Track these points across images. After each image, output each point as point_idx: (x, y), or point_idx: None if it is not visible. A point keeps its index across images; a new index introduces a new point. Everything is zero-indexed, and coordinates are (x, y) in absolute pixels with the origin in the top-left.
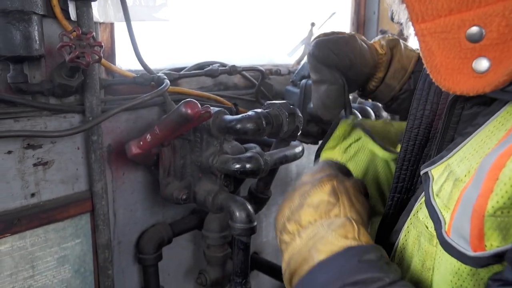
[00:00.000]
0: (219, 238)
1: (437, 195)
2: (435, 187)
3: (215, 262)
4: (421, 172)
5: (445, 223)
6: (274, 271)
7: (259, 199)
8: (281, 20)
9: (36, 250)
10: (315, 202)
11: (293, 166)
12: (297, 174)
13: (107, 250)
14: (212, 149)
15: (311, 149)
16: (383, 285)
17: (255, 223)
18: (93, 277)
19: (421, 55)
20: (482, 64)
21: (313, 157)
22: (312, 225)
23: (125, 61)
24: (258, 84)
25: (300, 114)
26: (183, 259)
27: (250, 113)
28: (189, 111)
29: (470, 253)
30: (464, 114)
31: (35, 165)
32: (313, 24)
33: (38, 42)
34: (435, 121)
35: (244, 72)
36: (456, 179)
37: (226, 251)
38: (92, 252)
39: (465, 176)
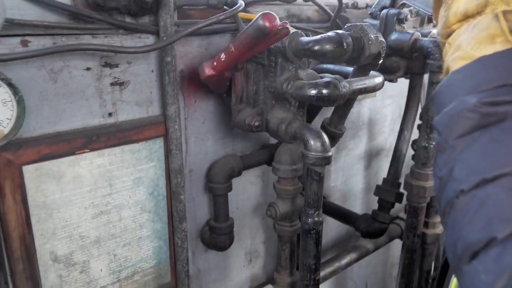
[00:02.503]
0: (290, 171)
1: None
2: None
3: (285, 196)
4: None
5: None
6: (342, 215)
7: (332, 134)
8: None
9: (114, 169)
10: (461, 6)
11: (366, 109)
12: (369, 118)
13: (179, 175)
14: (287, 74)
15: (387, 86)
16: None
17: (330, 153)
18: (166, 201)
19: None
20: None
21: (388, 100)
22: (458, 31)
23: None
24: (334, 15)
25: (383, 39)
26: (252, 194)
27: (329, 33)
28: (267, 23)
29: None
30: None
31: (112, 84)
32: None
33: None
34: None
35: (318, 0)
36: None
37: (296, 185)
38: (165, 177)
39: None
